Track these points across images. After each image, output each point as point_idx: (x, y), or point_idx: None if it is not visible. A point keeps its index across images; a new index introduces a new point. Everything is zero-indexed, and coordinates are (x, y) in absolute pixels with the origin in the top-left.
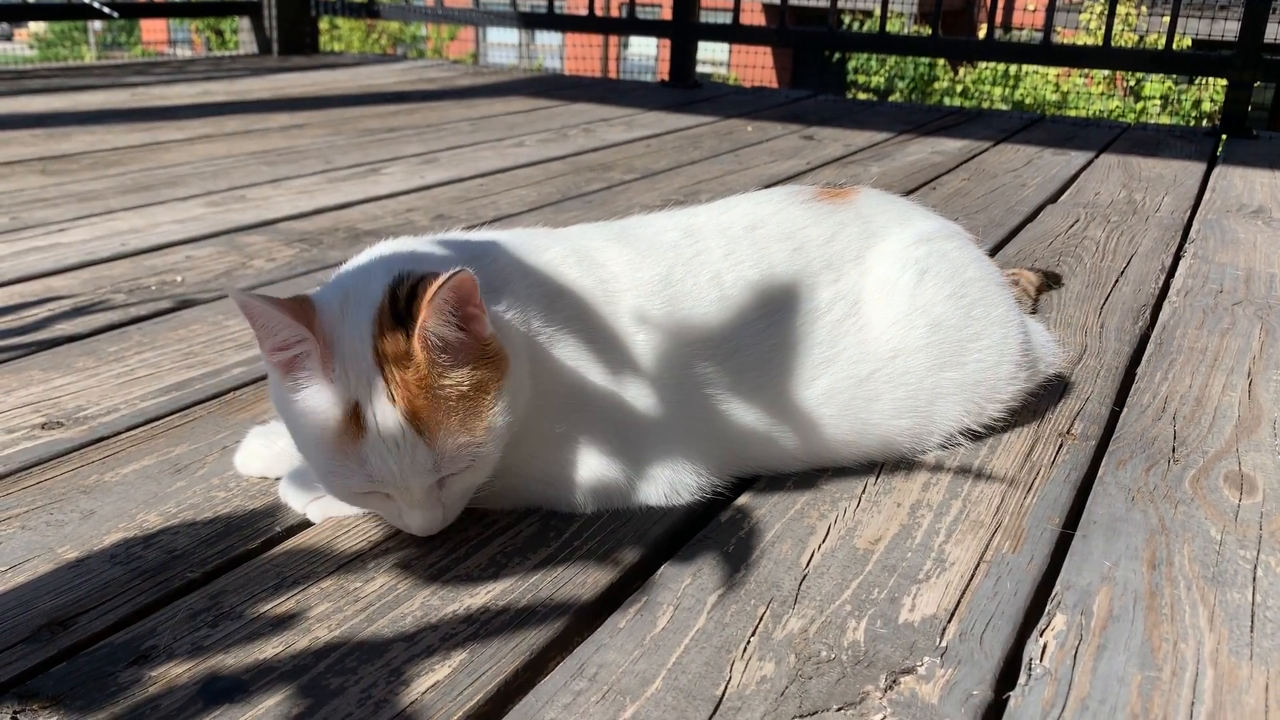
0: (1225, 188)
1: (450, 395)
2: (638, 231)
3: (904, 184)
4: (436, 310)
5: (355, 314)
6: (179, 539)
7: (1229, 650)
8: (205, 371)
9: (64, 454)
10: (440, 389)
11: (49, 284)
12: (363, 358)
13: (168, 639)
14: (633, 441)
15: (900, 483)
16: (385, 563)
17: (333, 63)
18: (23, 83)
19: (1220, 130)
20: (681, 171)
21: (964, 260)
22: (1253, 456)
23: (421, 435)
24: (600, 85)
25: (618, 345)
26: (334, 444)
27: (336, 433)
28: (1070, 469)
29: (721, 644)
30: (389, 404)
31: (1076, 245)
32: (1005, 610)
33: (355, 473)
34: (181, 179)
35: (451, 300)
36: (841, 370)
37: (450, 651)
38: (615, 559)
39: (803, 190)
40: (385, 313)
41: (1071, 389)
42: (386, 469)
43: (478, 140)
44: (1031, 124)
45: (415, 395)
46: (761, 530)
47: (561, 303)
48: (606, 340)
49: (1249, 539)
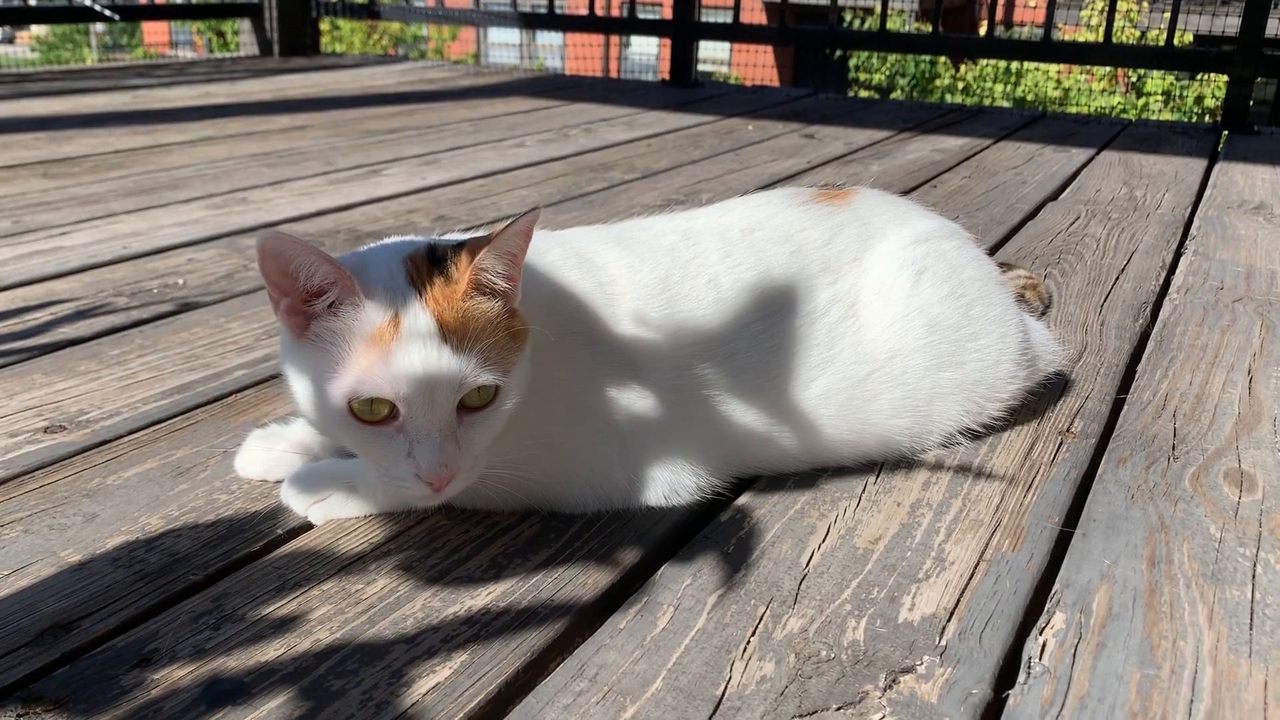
0: (1226, 184)
1: (482, 319)
2: (636, 235)
3: (905, 182)
4: (505, 240)
5: (378, 268)
6: (181, 542)
7: (1228, 648)
8: (207, 374)
9: (66, 457)
10: (473, 311)
11: (51, 287)
12: (397, 285)
13: (170, 642)
14: (632, 443)
15: (900, 482)
16: (387, 564)
17: (334, 64)
18: (25, 85)
19: (1221, 126)
20: (682, 171)
21: (962, 260)
22: (1253, 454)
23: (448, 342)
24: (601, 85)
25: (617, 347)
26: (361, 355)
27: (367, 341)
28: (1070, 467)
29: (721, 644)
30: (424, 310)
31: (1077, 243)
32: (1005, 609)
33: (380, 379)
34: (183, 181)
35: (523, 232)
36: (840, 371)
37: (451, 653)
38: (616, 560)
39: (801, 192)
40: (421, 259)
41: (1072, 387)
42: (413, 368)
43: (479, 141)
44: (1032, 121)
45: (449, 309)
46: (761, 530)
47: (562, 305)
48: (606, 342)
49: (1248, 536)
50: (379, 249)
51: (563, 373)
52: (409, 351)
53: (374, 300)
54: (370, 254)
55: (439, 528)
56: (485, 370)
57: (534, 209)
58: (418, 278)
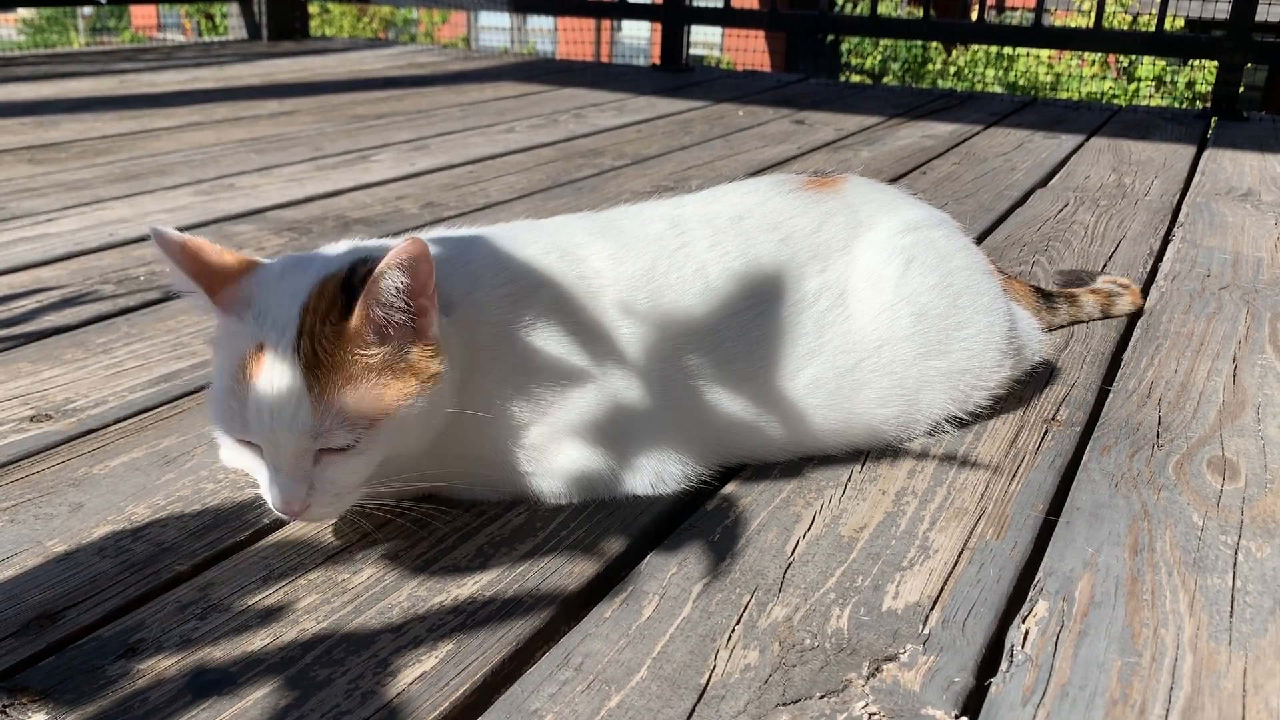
0: (1215, 170)
1: (362, 366)
2: (623, 223)
3: (894, 169)
4: (386, 277)
5: (297, 278)
6: (168, 531)
7: (1208, 635)
8: (194, 363)
9: (52, 447)
10: (355, 356)
11: (37, 275)
12: (287, 309)
13: (156, 632)
14: (618, 432)
15: (886, 470)
16: (373, 554)
17: (323, 48)
18: (11, 70)
19: (1211, 113)
20: (672, 157)
21: (950, 249)
22: (1236, 441)
23: (311, 391)
24: (591, 70)
25: (601, 337)
26: (229, 380)
27: (233, 369)
28: (1055, 455)
29: (706, 633)
30: (292, 350)
31: (1065, 230)
32: (988, 597)
33: (235, 413)
34: (170, 167)
35: (405, 267)
36: (828, 360)
37: (437, 642)
38: (602, 549)
39: (790, 179)
40: (336, 280)
41: (1057, 375)
42: (260, 413)
43: (468, 126)
44: (1023, 107)
45: (326, 350)
46: (747, 519)
47: (540, 295)
48: (589, 332)
49: (1230, 524)
50: (309, 258)
51: (544, 362)
52: (260, 391)
53: (251, 322)
54: (291, 264)
55: (426, 516)
56: (342, 429)
57: (415, 240)
58: (313, 307)
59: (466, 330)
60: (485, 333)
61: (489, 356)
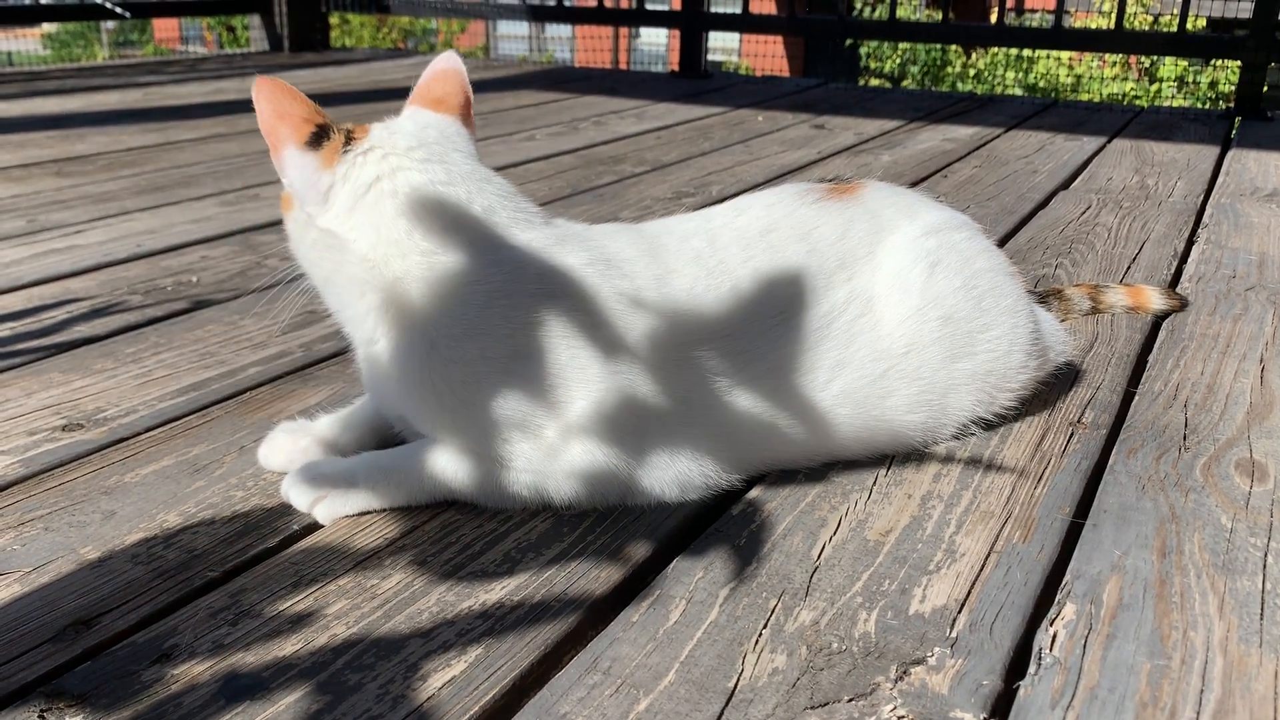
0: (1239, 171)
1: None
2: (664, 240)
3: (915, 172)
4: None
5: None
6: (199, 538)
7: (1238, 638)
8: (221, 371)
9: (84, 455)
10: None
11: (67, 286)
12: None
13: (189, 638)
14: (651, 442)
15: (911, 474)
16: (402, 559)
17: (343, 59)
18: (37, 84)
19: (1234, 113)
20: (692, 163)
21: (973, 251)
22: (1264, 443)
23: None
24: (610, 77)
25: (635, 352)
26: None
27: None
28: (1081, 458)
29: (734, 636)
30: None
31: (1088, 232)
32: (1015, 600)
33: None
34: (195, 179)
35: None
36: (856, 370)
37: (466, 647)
38: (627, 554)
39: (812, 189)
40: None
41: (1082, 377)
42: None
43: (488, 135)
44: (1043, 109)
45: None
46: (773, 523)
47: (580, 311)
48: (623, 348)
49: (1260, 526)
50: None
51: (581, 371)
52: None
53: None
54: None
55: (452, 523)
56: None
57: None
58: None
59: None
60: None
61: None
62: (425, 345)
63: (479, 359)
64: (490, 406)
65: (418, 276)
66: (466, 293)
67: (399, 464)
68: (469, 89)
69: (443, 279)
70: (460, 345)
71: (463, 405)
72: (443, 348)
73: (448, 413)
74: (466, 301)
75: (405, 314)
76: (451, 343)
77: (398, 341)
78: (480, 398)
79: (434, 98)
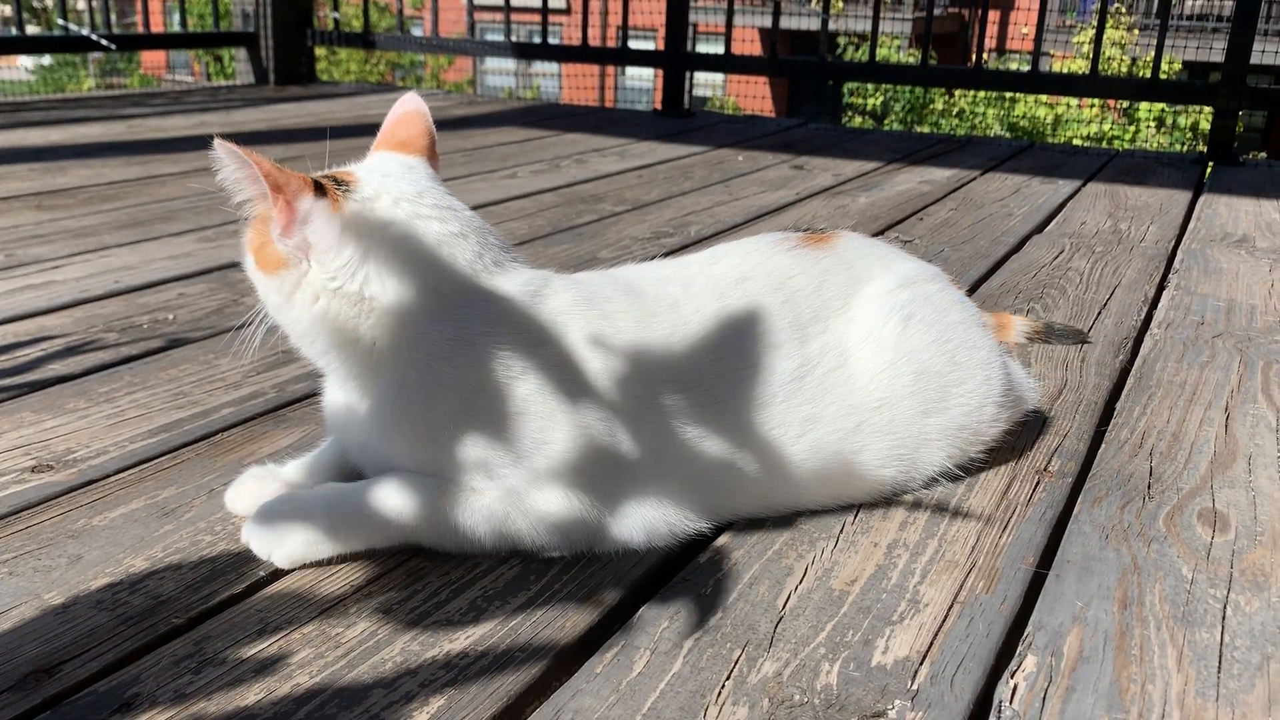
0: (1210, 216)
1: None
2: (643, 286)
3: (891, 215)
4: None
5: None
6: (165, 584)
7: (1195, 691)
8: (194, 412)
9: (53, 498)
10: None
11: (42, 323)
12: None
13: (151, 686)
14: (620, 490)
15: (878, 522)
16: (367, 607)
17: (329, 93)
18: (21, 115)
19: (1207, 157)
20: (672, 203)
21: (945, 303)
22: (1227, 493)
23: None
24: (595, 115)
25: (606, 397)
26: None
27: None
28: (1046, 507)
29: (696, 688)
30: None
31: (1060, 277)
32: (976, 652)
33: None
34: (176, 214)
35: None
36: (829, 424)
37: (429, 698)
38: (595, 601)
39: (788, 237)
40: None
41: (1050, 425)
42: None
43: (471, 172)
44: (1020, 152)
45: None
46: (739, 572)
47: (549, 351)
48: (594, 392)
49: (1219, 577)
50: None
51: (552, 418)
52: None
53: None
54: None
55: (420, 569)
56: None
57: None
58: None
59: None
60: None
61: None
62: (400, 389)
63: (454, 402)
64: (459, 449)
65: (404, 319)
66: (445, 337)
67: (355, 498)
68: (433, 129)
69: (422, 322)
70: (436, 389)
71: (434, 444)
72: (418, 390)
73: (420, 453)
74: (446, 345)
75: (385, 356)
76: (428, 386)
77: (378, 383)
78: (452, 440)
79: (399, 140)
